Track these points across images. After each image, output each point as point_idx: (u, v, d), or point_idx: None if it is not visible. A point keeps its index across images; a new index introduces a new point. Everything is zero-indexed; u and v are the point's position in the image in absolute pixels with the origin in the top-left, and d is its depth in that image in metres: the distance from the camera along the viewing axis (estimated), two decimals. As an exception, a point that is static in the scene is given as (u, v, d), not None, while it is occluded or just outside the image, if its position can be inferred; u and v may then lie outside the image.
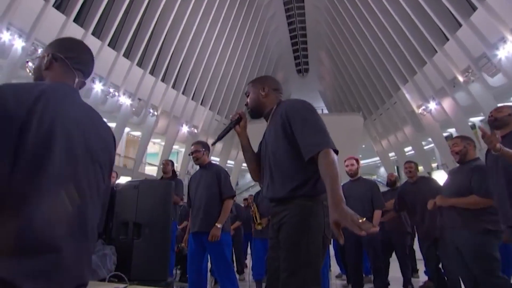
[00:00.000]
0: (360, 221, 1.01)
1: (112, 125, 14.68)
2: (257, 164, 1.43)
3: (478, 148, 2.61)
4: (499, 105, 2.42)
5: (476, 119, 14.00)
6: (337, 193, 1.16)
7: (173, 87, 16.26)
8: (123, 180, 10.55)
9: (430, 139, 16.70)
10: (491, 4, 10.29)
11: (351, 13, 18.46)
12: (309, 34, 25.56)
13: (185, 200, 5.58)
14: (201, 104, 18.89)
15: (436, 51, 13.58)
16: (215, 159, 22.09)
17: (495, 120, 2.12)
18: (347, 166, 3.47)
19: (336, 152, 1.22)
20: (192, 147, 2.77)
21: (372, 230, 0.99)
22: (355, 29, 19.02)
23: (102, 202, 0.82)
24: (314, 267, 1.19)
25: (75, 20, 10.84)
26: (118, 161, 15.66)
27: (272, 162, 1.33)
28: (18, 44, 8.89)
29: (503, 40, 10.23)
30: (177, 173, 4.24)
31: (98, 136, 0.83)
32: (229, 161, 22.46)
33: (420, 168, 8.48)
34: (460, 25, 11.84)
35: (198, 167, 2.77)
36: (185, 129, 17.67)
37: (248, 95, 1.47)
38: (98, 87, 11.90)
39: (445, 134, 16.07)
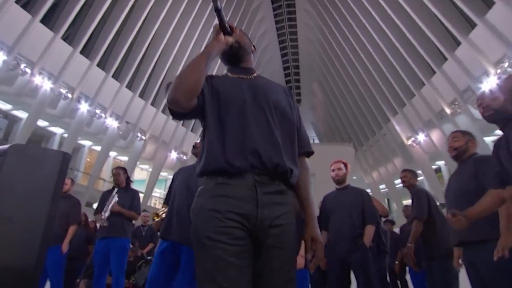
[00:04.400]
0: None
1: (97, 148, 14.33)
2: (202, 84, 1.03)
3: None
4: (453, 132, 2.25)
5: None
6: (313, 206, 1.13)
7: (163, 111, 16.13)
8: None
9: (420, 172, 16.57)
10: (473, 40, 10.66)
11: (343, 46, 19.10)
12: (301, 66, 26.26)
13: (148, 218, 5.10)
14: (191, 130, 18.71)
15: (424, 84, 13.87)
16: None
17: (455, 150, 2.09)
18: (333, 170, 2.96)
19: None
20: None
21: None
22: (347, 61, 19.58)
23: None
24: None
25: (63, 37, 10.81)
26: (103, 187, 15.08)
27: (280, 120, 1.08)
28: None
29: (486, 73, 10.48)
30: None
31: None
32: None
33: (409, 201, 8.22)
34: (446, 59, 12.18)
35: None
36: (174, 155, 17.31)
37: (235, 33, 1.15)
38: (84, 107, 11.67)
39: (434, 167, 15.99)
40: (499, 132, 1.70)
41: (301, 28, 23.70)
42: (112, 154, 15.29)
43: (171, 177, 14.09)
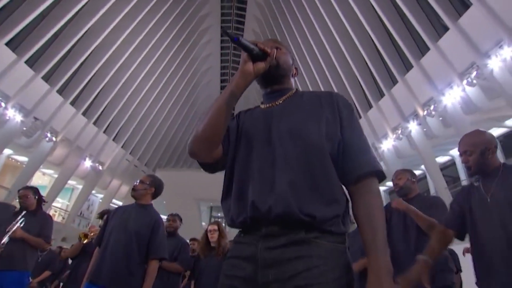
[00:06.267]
0: None
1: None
2: (223, 131, 0.89)
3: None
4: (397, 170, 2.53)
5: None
6: (387, 256, 0.76)
7: (84, 114, 14.65)
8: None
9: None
10: (381, 105, 12.65)
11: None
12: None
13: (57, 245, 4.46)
14: (113, 139, 17.30)
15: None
16: (118, 203, 19.77)
17: (401, 189, 2.25)
18: None
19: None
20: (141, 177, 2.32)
21: None
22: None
23: None
24: None
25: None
26: (-13, 190, 12.62)
27: (303, 154, 0.83)
28: None
29: (385, 136, 12.57)
30: (45, 203, 3.05)
31: None
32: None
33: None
34: (360, 117, 14.00)
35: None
36: (88, 163, 15.62)
37: (278, 48, 0.99)
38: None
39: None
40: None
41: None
42: (7, 151, 13.02)
43: (79, 186, 12.69)
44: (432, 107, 9.91)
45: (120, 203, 19.85)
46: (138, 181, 2.29)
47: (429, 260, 1.53)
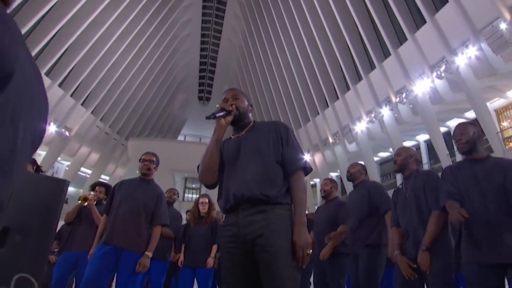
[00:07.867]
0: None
1: None
2: (218, 163, 1.42)
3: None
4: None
5: (334, 174, 16.70)
6: (304, 216, 1.31)
7: (47, 74, 13.69)
8: None
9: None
10: (358, 88, 12.94)
11: (261, 60, 20.15)
12: (218, 66, 26.40)
13: None
14: (82, 104, 16.47)
15: (319, 113, 15.92)
16: (86, 171, 19.26)
17: (350, 175, 2.87)
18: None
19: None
20: (146, 156, 2.63)
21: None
22: (261, 74, 20.70)
23: None
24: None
25: None
26: None
27: (260, 162, 1.37)
28: None
29: (359, 119, 12.89)
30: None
31: None
32: (103, 176, 19.81)
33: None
34: (338, 98, 14.32)
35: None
36: (52, 128, 14.85)
37: (237, 99, 1.49)
38: None
39: (311, 183, 18.49)
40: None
41: (226, 28, 23.90)
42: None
43: (42, 153, 12.04)
44: (404, 95, 10.41)
45: (89, 172, 19.36)
46: (144, 160, 2.61)
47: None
